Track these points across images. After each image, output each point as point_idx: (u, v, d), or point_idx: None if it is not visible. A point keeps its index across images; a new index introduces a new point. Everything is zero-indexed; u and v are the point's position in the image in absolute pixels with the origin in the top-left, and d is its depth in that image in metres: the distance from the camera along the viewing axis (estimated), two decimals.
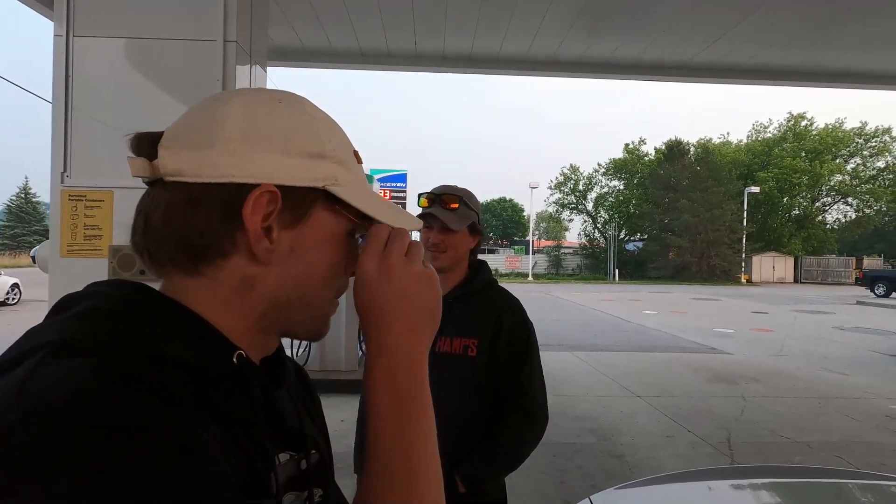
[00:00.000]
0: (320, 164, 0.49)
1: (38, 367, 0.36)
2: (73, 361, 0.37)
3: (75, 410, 0.33)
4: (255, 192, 0.45)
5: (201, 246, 0.46)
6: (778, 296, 22.01)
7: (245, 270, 0.47)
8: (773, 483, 1.53)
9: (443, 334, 1.35)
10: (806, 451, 4.15)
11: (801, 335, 10.90)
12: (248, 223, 0.45)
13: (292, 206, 0.48)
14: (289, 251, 0.48)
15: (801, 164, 35.94)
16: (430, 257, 1.38)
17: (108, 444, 0.32)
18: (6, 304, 13.32)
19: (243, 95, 0.50)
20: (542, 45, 5.22)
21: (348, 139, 0.54)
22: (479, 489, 1.28)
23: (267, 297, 0.48)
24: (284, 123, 0.49)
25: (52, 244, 1.85)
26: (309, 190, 0.48)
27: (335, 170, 0.50)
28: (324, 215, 0.50)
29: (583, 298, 19.00)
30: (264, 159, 0.47)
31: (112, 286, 0.46)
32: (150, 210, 0.47)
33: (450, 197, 1.37)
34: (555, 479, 3.48)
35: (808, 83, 6.16)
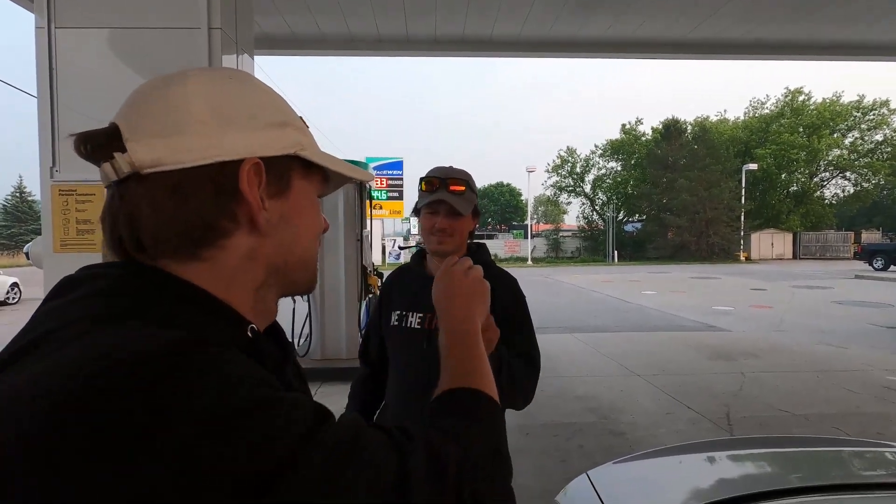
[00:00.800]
0: (286, 133, 0.52)
1: (88, 336, 0.38)
2: (125, 324, 0.40)
3: (158, 354, 0.36)
4: (245, 166, 0.47)
5: (201, 229, 0.47)
6: (777, 272, 22.08)
7: (247, 245, 0.50)
8: (769, 453, 1.55)
9: None
10: (805, 423, 4.20)
11: (800, 310, 10.96)
12: (248, 196, 0.48)
13: (275, 176, 0.51)
14: (279, 219, 0.51)
15: (799, 139, 35.75)
16: (435, 242, 1.37)
17: (197, 381, 0.36)
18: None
19: (195, 76, 0.49)
20: (535, 25, 5.16)
21: (287, 104, 0.58)
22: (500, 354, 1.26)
23: (266, 264, 0.52)
24: (246, 99, 0.50)
25: (45, 240, 1.84)
26: (284, 158, 0.51)
27: (298, 136, 0.53)
28: (301, 182, 0.54)
29: (582, 281, 19.06)
30: (239, 136, 0.48)
31: (107, 267, 0.47)
32: (133, 208, 0.46)
33: (455, 181, 1.36)
34: (555, 459, 3.53)
35: (804, 56, 6.10)
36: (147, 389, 0.34)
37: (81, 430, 0.32)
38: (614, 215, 38.04)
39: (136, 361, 0.35)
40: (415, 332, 1.36)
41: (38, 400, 0.34)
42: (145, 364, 0.35)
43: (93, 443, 0.32)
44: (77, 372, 0.34)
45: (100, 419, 0.33)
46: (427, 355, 1.31)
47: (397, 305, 1.43)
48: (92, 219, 1.85)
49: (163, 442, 0.33)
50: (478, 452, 0.50)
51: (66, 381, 0.34)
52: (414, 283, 1.43)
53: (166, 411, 0.34)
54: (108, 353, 0.36)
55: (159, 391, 0.34)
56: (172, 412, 0.34)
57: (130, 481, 0.32)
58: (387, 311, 1.46)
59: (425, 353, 1.31)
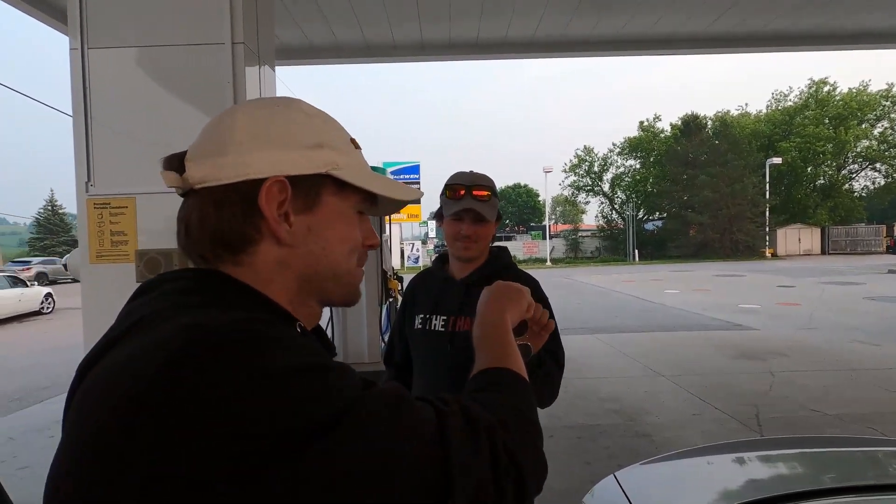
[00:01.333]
0: (320, 153, 0.56)
1: (173, 319, 0.45)
2: (200, 311, 0.47)
3: (232, 327, 0.44)
4: (266, 184, 0.53)
5: (233, 237, 0.54)
6: (804, 268, 21.48)
7: (276, 253, 0.55)
8: (801, 453, 1.53)
9: (464, 314, 1.37)
10: (838, 423, 4.09)
11: (830, 307, 10.64)
12: (265, 210, 0.53)
13: (303, 192, 0.55)
14: (307, 231, 0.56)
15: (825, 131, 34.75)
16: (461, 248, 1.39)
17: (276, 353, 0.43)
18: (41, 312, 13.81)
19: (245, 105, 0.59)
20: (550, 25, 5.14)
21: (344, 130, 0.62)
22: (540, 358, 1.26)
23: (298, 273, 0.57)
24: (283, 123, 0.56)
25: (82, 251, 1.92)
26: (315, 177, 0.56)
27: (334, 156, 0.57)
28: (332, 199, 0.58)
29: (603, 281, 18.84)
30: (270, 155, 0.54)
31: (181, 272, 0.56)
32: (188, 216, 0.56)
33: (480, 188, 1.37)
34: (580, 461, 3.50)
35: (828, 46, 5.94)
36: (224, 353, 0.41)
37: (173, 387, 0.39)
38: (634, 214, 37.54)
39: (213, 332, 0.43)
40: (438, 335, 1.38)
41: (140, 367, 0.42)
42: (222, 334, 0.43)
43: (184, 397, 0.39)
44: (166, 344, 0.42)
45: (187, 378, 0.40)
46: (451, 357, 1.33)
47: (420, 309, 1.44)
48: (126, 230, 1.92)
49: (239, 394, 0.39)
50: (506, 414, 0.55)
51: (158, 352, 0.42)
52: (436, 287, 1.45)
53: (240, 370, 0.40)
54: (189, 328, 0.43)
55: (234, 354, 0.41)
56: (245, 371, 0.40)
57: (210, 428, 0.38)
58: (410, 314, 1.48)
59: (449, 356, 1.33)
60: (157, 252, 1.87)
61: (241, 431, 0.38)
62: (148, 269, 1.88)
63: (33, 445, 4.28)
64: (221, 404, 0.39)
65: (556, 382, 1.34)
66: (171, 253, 1.87)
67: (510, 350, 0.71)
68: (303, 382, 0.42)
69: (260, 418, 0.39)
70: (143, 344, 0.44)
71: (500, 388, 0.62)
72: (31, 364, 7.74)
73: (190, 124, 1.97)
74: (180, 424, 0.38)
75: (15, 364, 7.85)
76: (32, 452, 4.11)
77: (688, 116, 35.99)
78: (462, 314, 1.37)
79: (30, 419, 5.01)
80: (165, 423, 0.38)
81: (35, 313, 13.62)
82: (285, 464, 0.39)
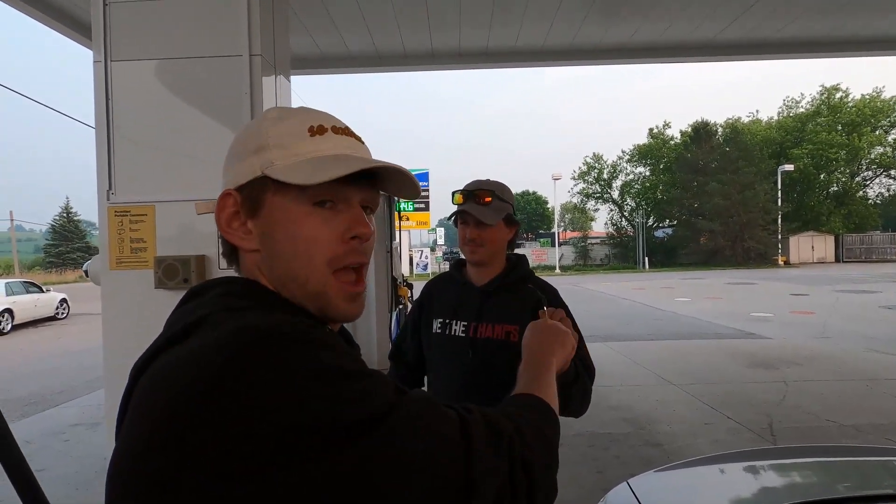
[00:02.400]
0: (261, 156, 0.57)
1: (227, 322, 0.49)
2: (248, 314, 0.50)
3: (281, 329, 0.47)
4: (218, 199, 0.59)
5: (226, 248, 0.61)
6: (818, 276, 21.18)
7: (251, 259, 0.59)
8: (817, 462, 1.51)
9: (484, 321, 1.39)
10: (854, 434, 4.02)
11: (845, 316, 10.48)
12: (217, 223, 0.59)
13: (250, 199, 0.57)
14: (261, 236, 0.57)
15: (838, 137, 34.36)
16: (468, 251, 1.41)
17: (319, 350, 0.47)
18: (56, 318, 14.01)
19: (247, 124, 0.65)
20: (559, 33, 5.18)
21: (305, 120, 0.58)
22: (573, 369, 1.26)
23: (271, 277, 0.58)
24: (242, 136, 0.60)
25: (102, 258, 1.97)
26: (256, 181, 0.57)
27: (273, 154, 0.56)
28: (276, 199, 0.56)
29: (613, 288, 18.72)
30: (229, 171, 0.60)
31: (228, 279, 0.59)
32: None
33: (482, 192, 1.39)
34: (592, 469, 3.48)
35: (840, 53, 5.91)
36: (277, 352, 0.45)
37: (234, 381, 0.43)
38: (644, 221, 37.30)
39: (266, 333, 0.46)
40: (459, 340, 1.39)
41: (203, 363, 0.45)
42: (274, 334, 0.46)
43: (244, 391, 0.42)
44: (227, 343, 0.45)
45: (245, 373, 0.43)
46: (471, 362, 1.34)
47: (439, 313, 1.45)
48: (145, 237, 1.96)
49: (289, 390, 0.43)
50: (527, 431, 0.57)
51: (221, 350, 0.45)
52: (455, 292, 1.46)
53: (292, 368, 0.44)
54: (245, 329, 0.47)
55: (285, 354, 0.45)
56: (295, 369, 0.44)
57: (266, 419, 0.41)
58: (427, 318, 1.49)
59: (470, 362, 1.34)
60: (174, 258, 1.91)
61: (291, 424, 0.42)
62: (166, 275, 1.92)
63: (49, 449, 4.34)
64: (275, 399, 0.42)
65: (589, 391, 1.36)
66: (188, 259, 1.91)
67: (551, 389, 0.74)
68: (347, 384, 0.45)
69: (308, 414, 0.42)
70: (203, 343, 0.47)
71: (531, 410, 0.64)
72: (46, 369, 7.86)
73: (208, 134, 2.01)
74: (240, 415, 0.42)
75: (31, 369, 7.97)
76: (48, 456, 4.17)
77: (698, 123, 35.80)
78: (482, 321, 1.39)
79: (45, 423, 5.08)
80: (227, 413, 0.42)
81: (50, 318, 13.83)
82: (327, 458, 0.42)
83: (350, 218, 0.57)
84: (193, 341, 0.48)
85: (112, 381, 1.89)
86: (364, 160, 0.56)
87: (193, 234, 1.97)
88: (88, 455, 4.14)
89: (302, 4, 4.16)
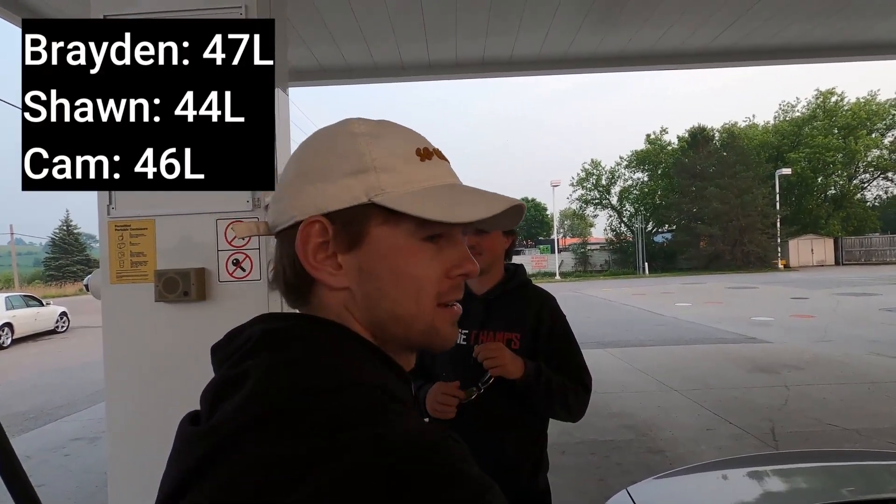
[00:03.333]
0: (362, 179, 0.49)
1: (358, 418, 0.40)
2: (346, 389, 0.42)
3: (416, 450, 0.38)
4: (301, 227, 0.49)
5: (294, 284, 0.51)
6: (818, 280, 21.18)
7: (336, 298, 0.50)
8: (819, 467, 1.51)
9: (486, 329, 1.41)
10: (856, 438, 4.01)
11: (846, 319, 10.48)
12: (299, 255, 0.49)
13: (346, 228, 0.49)
14: (359, 272, 0.49)
15: (835, 141, 34.53)
16: None
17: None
18: (56, 331, 13.98)
19: (304, 141, 0.55)
20: (554, 43, 5.23)
21: (407, 140, 0.52)
22: (529, 379, 1.32)
23: (362, 319, 0.50)
24: (325, 152, 0.51)
25: (103, 272, 1.98)
26: (358, 208, 0.48)
27: (379, 179, 0.49)
28: (381, 230, 0.49)
29: (613, 294, 18.71)
30: (310, 192, 0.49)
31: (314, 322, 0.50)
32: (277, 259, 0.54)
33: None
34: (594, 477, 3.47)
35: (837, 58, 5.96)
36: (415, 474, 0.36)
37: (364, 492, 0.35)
38: (643, 226, 37.36)
39: (397, 447, 0.37)
40: (460, 348, 1.40)
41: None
42: (411, 457, 0.37)
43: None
44: (365, 464, 0.37)
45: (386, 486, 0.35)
46: (473, 370, 1.35)
47: None
48: (145, 251, 1.97)
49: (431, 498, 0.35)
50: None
51: (356, 474, 0.36)
52: None
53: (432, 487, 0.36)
54: (376, 440, 0.37)
55: (423, 477, 0.36)
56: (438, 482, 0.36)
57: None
58: None
59: (472, 369, 1.35)
60: (174, 272, 1.92)
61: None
62: (166, 288, 1.93)
63: (49, 464, 4.32)
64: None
65: (582, 405, 1.41)
66: (188, 272, 1.92)
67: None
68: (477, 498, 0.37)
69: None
70: (316, 448, 0.37)
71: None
72: (46, 383, 7.83)
73: None
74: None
75: (31, 383, 7.95)
76: (48, 470, 4.15)
77: (695, 129, 35.99)
78: (484, 328, 1.41)
79: (45, 438, 5.06)
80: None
81: (50, 332, 13.80)
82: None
83: (458, 255, 0.51)
84: (292, 437, 0.38)
85: (113, 394, 1.89)
86: (506, 199, 0.51)
87: (193, 246, 1.98)
88: (89, 470, 4.12)
89: (300, 17, 4.20)
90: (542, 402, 1.35)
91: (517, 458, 1.38)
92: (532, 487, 1.41)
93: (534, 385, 1.32)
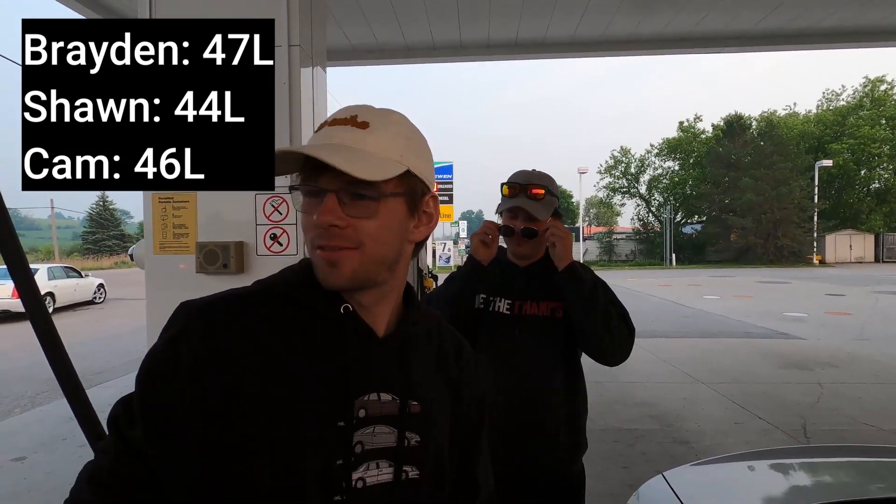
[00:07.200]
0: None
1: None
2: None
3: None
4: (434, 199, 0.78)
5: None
6: (856, 276, 20.39)
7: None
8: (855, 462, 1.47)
9: (529, 299, 1.40)
10: (892, 439, 3.88)
11: (884, 318, 10.08)
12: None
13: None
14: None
15: (882, 132, 32.85)
16: (515, 243, 1.41)
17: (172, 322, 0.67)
18: (94, 302, 14.58)
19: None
20: (590, 24, 5.08)
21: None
22: (577, 268, 1.35)
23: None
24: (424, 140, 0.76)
25: (147, 243, 2.05)
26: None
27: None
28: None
29: (639, 284, 18.43)
30: (429, 169, 0.76)
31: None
32: None
33: (536, 186, 1.38)
34: (617, 465, 3.46)
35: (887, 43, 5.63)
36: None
37: None
38: (671, 217, 36.50)
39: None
40: (504, 318, 1.40)
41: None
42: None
43: None
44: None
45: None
46: (517, 340, 1.35)
47: (481, 287, 1.44)
48: (186, 224, 2.03)
49: None
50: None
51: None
52: (498, 269, 1.46)
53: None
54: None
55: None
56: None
57: None
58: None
59: (516, 339, 1.35)
60: (214, 245, 1.97)
61: None
62: (206, 260, 1.98)
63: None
64: None
65: (627, 339, 1.38)
66: (228, 245, 1.97)
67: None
68: None
69: None
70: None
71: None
72: (86, 350, 8.21)
73: None
74: None
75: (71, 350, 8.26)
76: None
77: (731, 117, 34.71)
78: (528, 299, 1.41)
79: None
80: None
81: (88, 302, 14.40)
82: None
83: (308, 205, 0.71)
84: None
85: None
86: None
87: (232, 221, 2.03)
88: None
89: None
90: (582, 304, 1.30)
91: (558, 431, 1.36)
92: (570, 468, 1.40)
93: (580, 274, 1.32)
